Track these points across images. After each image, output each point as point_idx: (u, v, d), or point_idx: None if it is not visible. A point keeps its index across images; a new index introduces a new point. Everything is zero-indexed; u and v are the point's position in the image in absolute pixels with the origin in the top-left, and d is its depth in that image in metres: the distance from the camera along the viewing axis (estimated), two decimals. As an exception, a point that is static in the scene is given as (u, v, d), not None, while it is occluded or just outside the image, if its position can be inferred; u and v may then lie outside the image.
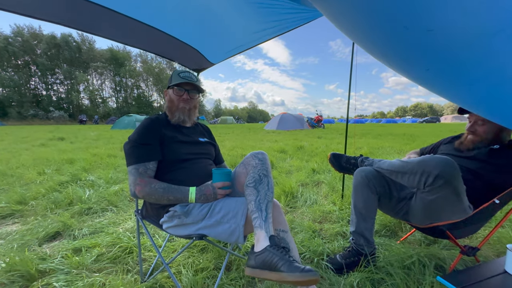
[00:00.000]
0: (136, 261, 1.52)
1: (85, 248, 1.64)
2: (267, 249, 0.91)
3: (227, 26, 1.96)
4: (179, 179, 1.22)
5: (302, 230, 1.88)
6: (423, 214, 1.24)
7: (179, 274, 1.40)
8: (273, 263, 0.86)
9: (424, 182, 1.15)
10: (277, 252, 0.88)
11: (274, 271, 0.85)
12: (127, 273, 1.42)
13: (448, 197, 1.13)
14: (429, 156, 1.17)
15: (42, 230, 1.88)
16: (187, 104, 1.36)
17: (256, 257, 0.92)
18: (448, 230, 1.23)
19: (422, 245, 1.68)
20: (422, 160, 1.17)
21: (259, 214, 1.00)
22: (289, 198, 2.62)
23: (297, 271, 0.82)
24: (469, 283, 0.95)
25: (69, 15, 1.50)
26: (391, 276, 1.29)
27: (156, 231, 1.93)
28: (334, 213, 2.22)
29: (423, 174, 1.15)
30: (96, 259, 1.53)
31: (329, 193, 2.81)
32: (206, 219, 1.11)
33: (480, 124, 1.38)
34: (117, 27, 1.72)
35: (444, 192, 1.12)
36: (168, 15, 1.75)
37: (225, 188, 1.18)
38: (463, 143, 1.44)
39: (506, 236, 1.74)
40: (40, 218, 2.14)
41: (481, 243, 1.31)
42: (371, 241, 1.42)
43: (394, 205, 1.41)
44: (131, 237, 1.75)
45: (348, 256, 1.42)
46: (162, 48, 2.18)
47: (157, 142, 1.22)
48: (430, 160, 1.14)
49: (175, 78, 1.34)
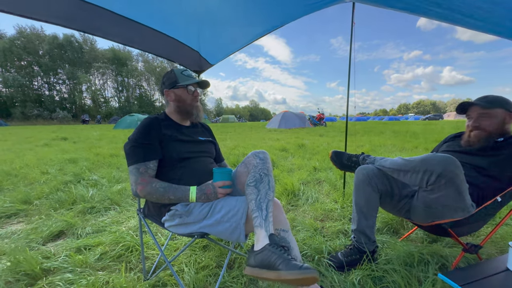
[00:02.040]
0: (139, 259, 1.54)
1: (88, 247, 1.66)
2: (266, 248, 0.91)
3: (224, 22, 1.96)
4: (179, 178, 1.23)
5: (304, 228, 1.88)
6: (425, 212, 1.23)
7: (181, 272, 1.41)
8: (271, 262, 0.86)
9: (426, 181, 1.15)
10: (276, 250, 0.89)
11: (273, 270, 0.85)
12: (130, 271, 1.43)
13: (451, 195, 1.12)
14: (432, 154, 1.16)
15: (46, 229, 1.90)
16: (197, 102, 1.41)
17: (255, 256, 0.92)
18: (451, 228, 1.22)
19: (424, 243, 1.67)
20: (424, 158, 1.16)
21: (260, 213, 1.00)
22: (290, 197, 2.62)
23: (295, 269, 0.82)
24: (471, 280, 0.95)
25: (67, 16, 1.51)
26: (393, 273, 1.29)
27: (158, 230, 1.95)
28: (336, 211, 2.22)
29: (426, 172, 1.14)
30: (99, 257, 1.54)
31: (330, 191, 2.81)
32: (207, 218, 1.12)
33: (483, 118, 1.36)
34: (117, 28, 1.72)
35: (447, 190, 1.12)
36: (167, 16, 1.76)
37: (226, 187, 1.18)
38: (469, 140, 1.42)
39: (509, 234, 1.73)
40: (44, 217, 2.16)
41: (484, 240, 1.30)
42: (372, 239, 1.42)
43: (396, 203, 1.40)
44: (134, 236, 1.76)
45: (350, 254, 1.42)
46: (163, 49, 2.19)
47: (157, 142, 1.23)
48: (433, 158, 1.13)
49: (182, 78, 1.34)
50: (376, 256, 1.45)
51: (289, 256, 0.87)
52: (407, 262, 1.40)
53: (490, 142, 1.35)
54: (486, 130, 1.36)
